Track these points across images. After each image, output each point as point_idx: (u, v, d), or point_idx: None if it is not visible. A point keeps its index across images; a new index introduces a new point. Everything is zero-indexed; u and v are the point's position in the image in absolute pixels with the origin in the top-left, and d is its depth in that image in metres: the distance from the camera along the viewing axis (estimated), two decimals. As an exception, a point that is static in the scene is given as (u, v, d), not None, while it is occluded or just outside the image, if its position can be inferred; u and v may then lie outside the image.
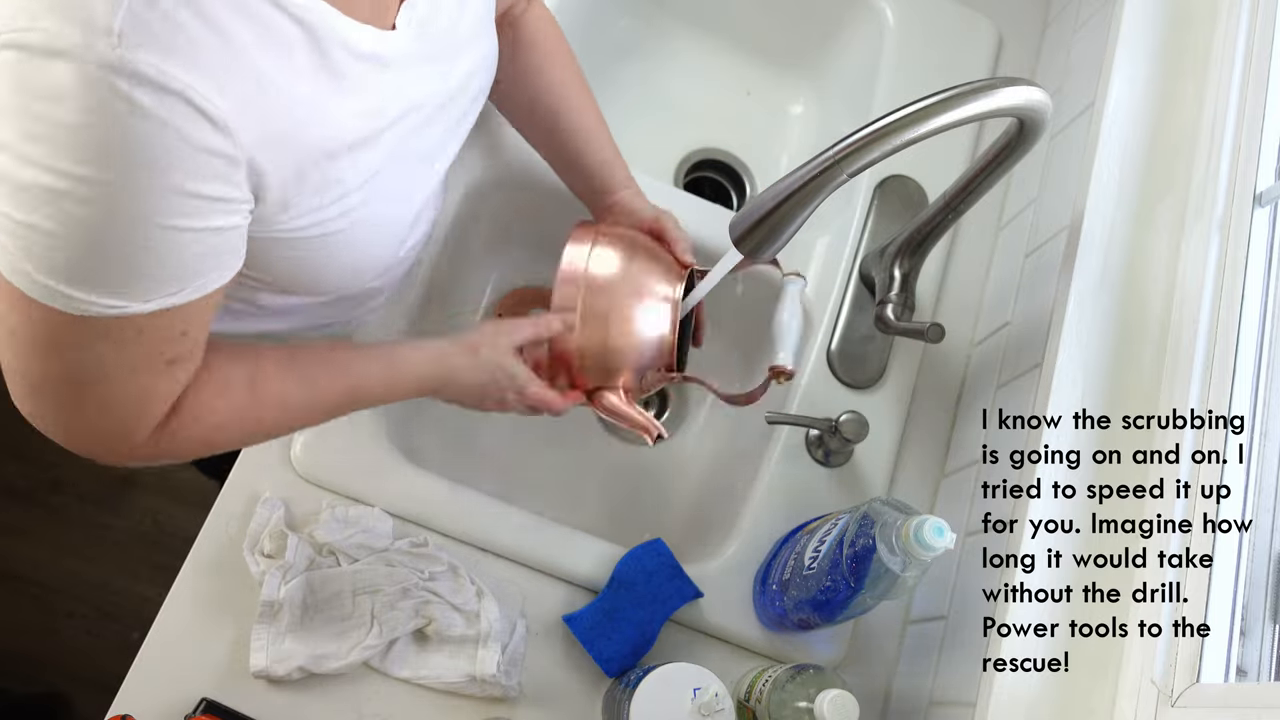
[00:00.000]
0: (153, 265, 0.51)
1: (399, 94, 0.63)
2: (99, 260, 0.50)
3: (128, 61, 0.45)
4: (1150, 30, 0.89)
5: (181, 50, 0.47)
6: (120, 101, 0.46)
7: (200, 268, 0.53)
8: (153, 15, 0.46)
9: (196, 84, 0.47)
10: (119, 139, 0.46)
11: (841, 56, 1.19)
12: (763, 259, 0.74)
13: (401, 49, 0.62)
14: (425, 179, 0.72)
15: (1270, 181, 0.79)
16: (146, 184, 0.48)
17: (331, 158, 0.59)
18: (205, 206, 0.51)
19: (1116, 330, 0.80)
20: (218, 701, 0.77)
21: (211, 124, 0.49)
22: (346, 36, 0.56)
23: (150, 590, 1.23)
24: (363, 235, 0.65)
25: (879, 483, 0.94)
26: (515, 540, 0.86)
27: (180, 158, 0.48)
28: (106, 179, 0.47)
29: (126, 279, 0.51)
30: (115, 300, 0.51)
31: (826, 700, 0.72)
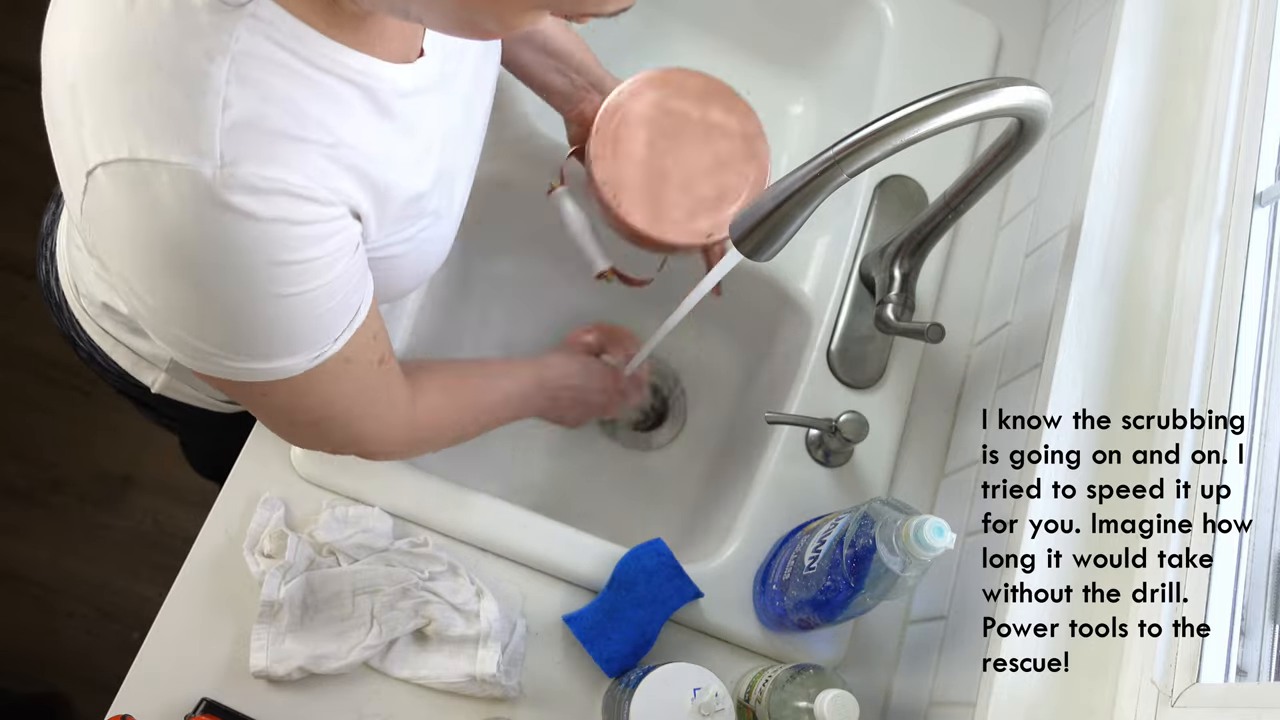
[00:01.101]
0: (327, 316, 0.59)
1: (442, 118, 0.67)
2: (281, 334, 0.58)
3: (237, 178, 0.50)
4: (1150, 30, 0.89)
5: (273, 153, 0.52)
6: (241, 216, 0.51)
7: (355, 297, 0.61)
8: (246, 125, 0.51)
9: (293, 178, 0.53)
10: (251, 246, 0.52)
11: (841, 56, 1.19)
12: (763, 259, 0.74)
13: (432, 75, 0.64)
14: (466, 184, 0.76)
15: (1270, 181, 0.79)
16: (284, 271, 0.54)
17: (407, 193, 0.63)
18: (332, 260, 0.57)
19: (1116, 330, 0.80)
20: (218, 701, 0.77)
21: (313, 202, 0.54)
22: (392, 81, 0.60)
23: (150, 590, 1.23)
24: (423, 252, 0.70)
25: (879, 483, 0.94)
26: (515, 540, 0.86)
27: (301, 238, 0.54)
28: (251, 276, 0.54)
29: (312, 335, 0.59)
30: (315, 351, 0.60)
31: (826, 700, 0.72)
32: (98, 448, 1.75)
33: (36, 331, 1.68)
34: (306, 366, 0.60)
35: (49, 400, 1.75)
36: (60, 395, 1.75)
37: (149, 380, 0.88)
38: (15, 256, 1.75)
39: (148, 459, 1.75)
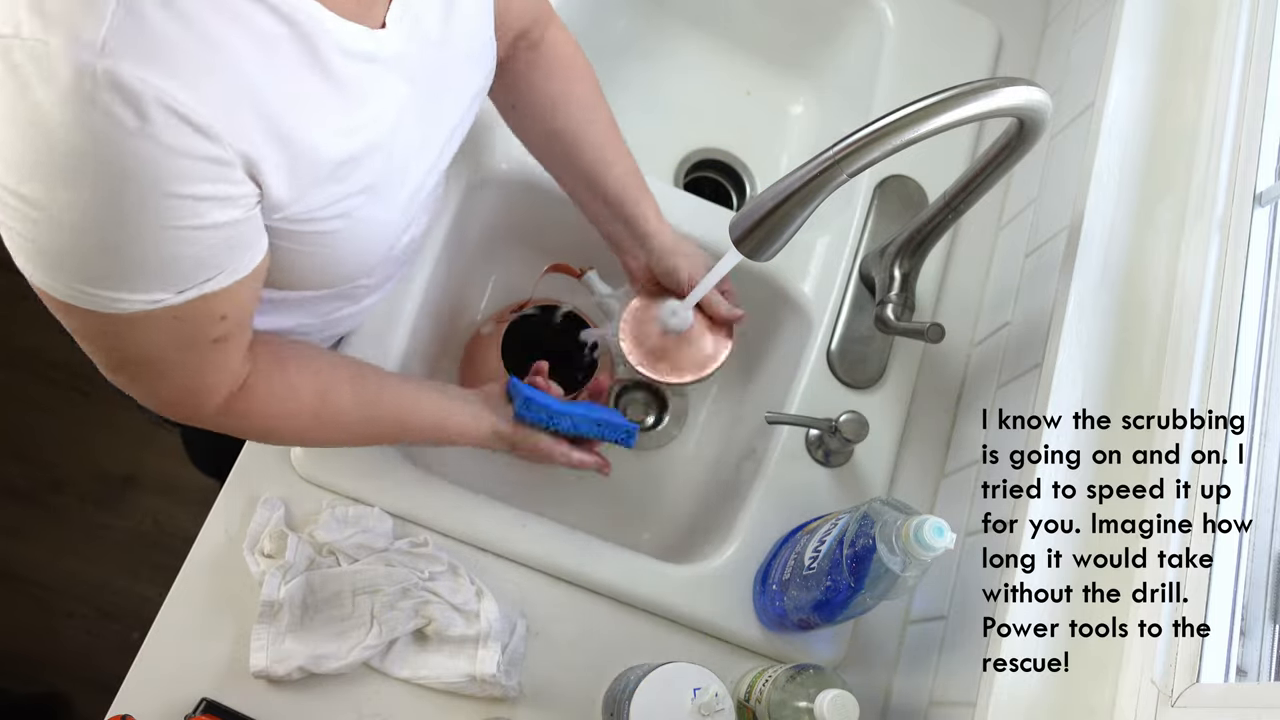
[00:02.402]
0: (168, 263, 0.53)
1: (396, 93, 0.63)
2: (114, 263, 0.52)
3: (111, 73, 0.46)
4: (1150, 30, 0.89)
5: (166, 59, 0.47)
6: (103, 116, 0.47)
7: (220, 259, 0.56)
8: (136, 24, 0.46)
9: (180, 94, 0.48)
10: (106, 153, 0.48)
11: (841, 56, 1.19)
12: (763, 259, 0.74)
13: (394, 48, 0.61)
14: (423, 180, 0.72)
15: (1270, 181, 0.79)
16: (139, 194, 0.49)
17: (331, 155, 0.59)
18: (204, 207, 0.52)
19: (1116, 330, 0.80)
20: (218, 701, 0.77)
21: (195, 129, 0.49)
22: (335, 34, 0.56)
23: (150, 590, 1.23)
24: (359, 233, 0.66)
25: (879, 483, 0.94)
26: (515, 540, 0.86)
27: (168, 166, 0.49)
28: (99, 193, 0.49)
29: (147, 276, 0.53)
30: (144, 295, 0.54)
31: (826, 700, 0.72)
32: (98, 448, 1.75)
33: (37, 331, 1.68)
34: (136, 309, 0.55)
35: (49, 400, 1.75)
36: (60, 395, 1.75)
37: None
38: (15, 256, 1.74)
39: (148, 459, 1.75)
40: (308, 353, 0.75)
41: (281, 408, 0.71)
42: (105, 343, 0.59)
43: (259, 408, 0.69)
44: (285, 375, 0.71)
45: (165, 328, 0.57)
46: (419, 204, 0.74)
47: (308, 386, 0.73)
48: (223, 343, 0.62)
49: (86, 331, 0.58)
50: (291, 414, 0.72)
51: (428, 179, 0.73)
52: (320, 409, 0.74)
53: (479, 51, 0.74)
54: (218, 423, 0.69)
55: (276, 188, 0.56)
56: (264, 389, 0.69)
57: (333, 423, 0.76)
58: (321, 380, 0.74)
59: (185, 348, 0.60)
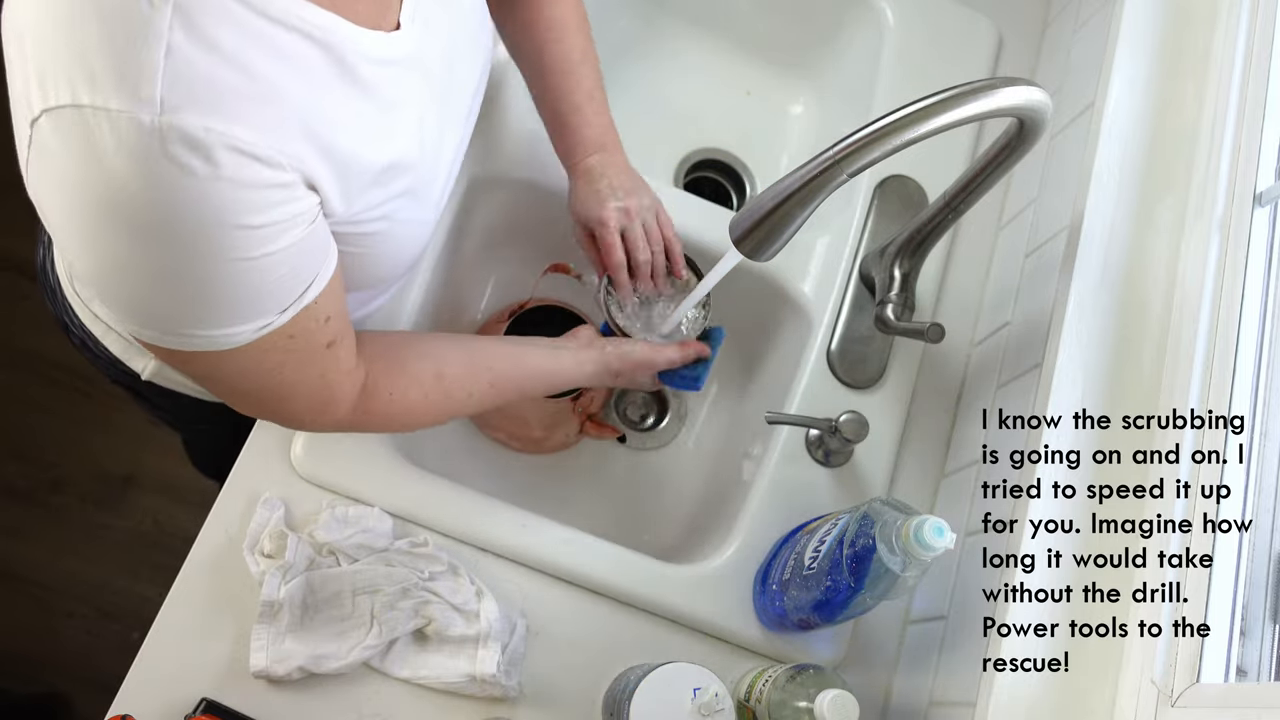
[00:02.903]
0: (267, 288, 0.56)
1: (418, 92, 0.65)
2: (218, 303, 0.55)
3: (176, 128, 0.48)
4: (1150, 30, 0.89)
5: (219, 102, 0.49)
6: (177, 169, 0.48)
7: (308, 271, 0.58)
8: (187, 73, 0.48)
9: (241, 133, 0.50)
10: (187, 203, 0.50)
11: (841, 56, 1.19)
12: (763, 259, 0.74)
13: (409, 49, 0.62)
14: (450, 172, 0.74)
15: (1270, 181, 0.79)
16: (223, 234, 0.52)
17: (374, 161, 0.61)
18: (282, 229, 0.54)
19: (1116, 330, 0.80)
20: (218, 701, 0.77)
21: (260, 162, 0.51)
22: (358, 44, 0.57)
23: (150, 590, 1.23)
24: (399, 233, 0.68)
25: (879, 483, 0.94)
26: (515, 540, 0.86)
27: (245, 202, 0.51)
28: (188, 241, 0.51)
29: (251, 306, 0.56)
30: (252, 324, 0.57)
31: (826, 700, 0.72)
32: (98, 448, 1.75)
33: (38, 332, 1.68)
34: (248, 339, 0.57)
35: (49, 400, 1.75)
36: (61, 395, 1.75)
37: (139, 367, 0.88)
38: (17, 257, 1.74)
39: (148, 459, 1.75)
40: (411, 339, 0.79)
41: (405, 398, 0.74)
42: (231, 378, 0.62)
43: (385, 404, 0.73)
44: (403, 366, 0.75)
45: (281, 348, 0.60)
46: (447, 196, 0.76)
47: (426, 371, 0.76)
48: (335, 346, 0.65)
49: (211, 373, 0.62)
50: (417, 401, 0.76)
51: (452, 171, 0.75)
52: (439, 389, 0.77)
53: (477, 35, 0.75)
54: (356, 424, 0.73)
55: (332, 198, 0.58)
56: (385, 384, 0.73)
57: (455, 399, 0.78)
58: (434, 362, 0.77)
59: (304, 362, 0.63)
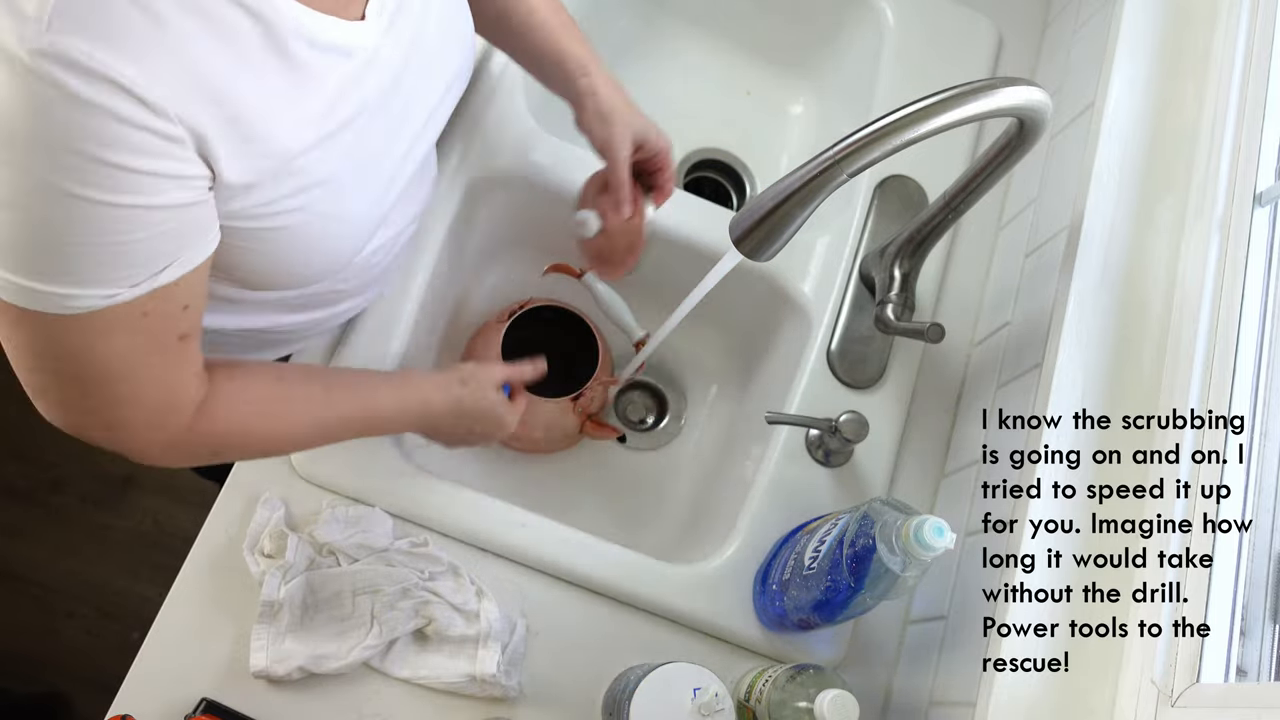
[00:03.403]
0: (127, 249, 0.51)
1: (366, 87, 0.62)
2: (69, 252, 0.50)
3: (56, 47, 0.45)
4: (1150, 30, 0.89)
5: (113, 37, 0.46)
6: (48, 89, 0.45)
7: (173, 244, 0.53)
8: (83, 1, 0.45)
9: (128, 70, 0.47)
10: (49, 124, 0.46)
11: (841, 56, 1.19)
12: (763, 259, 0.74)
13: (369, 40, 0.60)
14: (394, 177, 0.70)
15: (1270, 181, 0.79)
16: (90, 167, 0.47)
17: (289, 145, 0.57)
18: (152, 183, 0.50)
19: (1116, 330, 0.80)
20: (218, 701, 0.77)
21: (144, 106, 0.48)
22: (304, 26, 0.55)
23: (150, 590, 1.23)
24: (320, 229, 0.64)
25: (879, 483, 0.94)
26: (515, 540, 0.86)
27: (118, 137, 0.47)
28: (45, 166, 0.47)
29: (106, 266, 0.51)
30: (97, 290, 0.51)
31: (826, 700, 0.72)
32: (98, 448, 1.74)
33: (36, 331, 1.68)
34: (88, 305, 0.51)
35: (49, 400, 1.75)
36: (60, 395, 1.75)
37: None
38: (15, 256, 1.75)
39: (148, 459, 1.75)
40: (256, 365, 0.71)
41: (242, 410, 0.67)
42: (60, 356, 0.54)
43: (222, 425, 0.65)
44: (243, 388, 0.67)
45: (129, 327, 0.54)
46: (394, 198, 0.72)
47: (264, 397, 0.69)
48: (188, 340, 0.59)
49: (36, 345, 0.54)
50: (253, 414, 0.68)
51: (402, 169, 0.71)
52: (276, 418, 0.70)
53: (455, 30, 0.72)
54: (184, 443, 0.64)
55: (230, 172, 0.54)
56: (224, 405, 0.65)
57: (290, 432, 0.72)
58: (276, 390, 0.70)
59: (154, 349, 0.57)
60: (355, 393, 0.76)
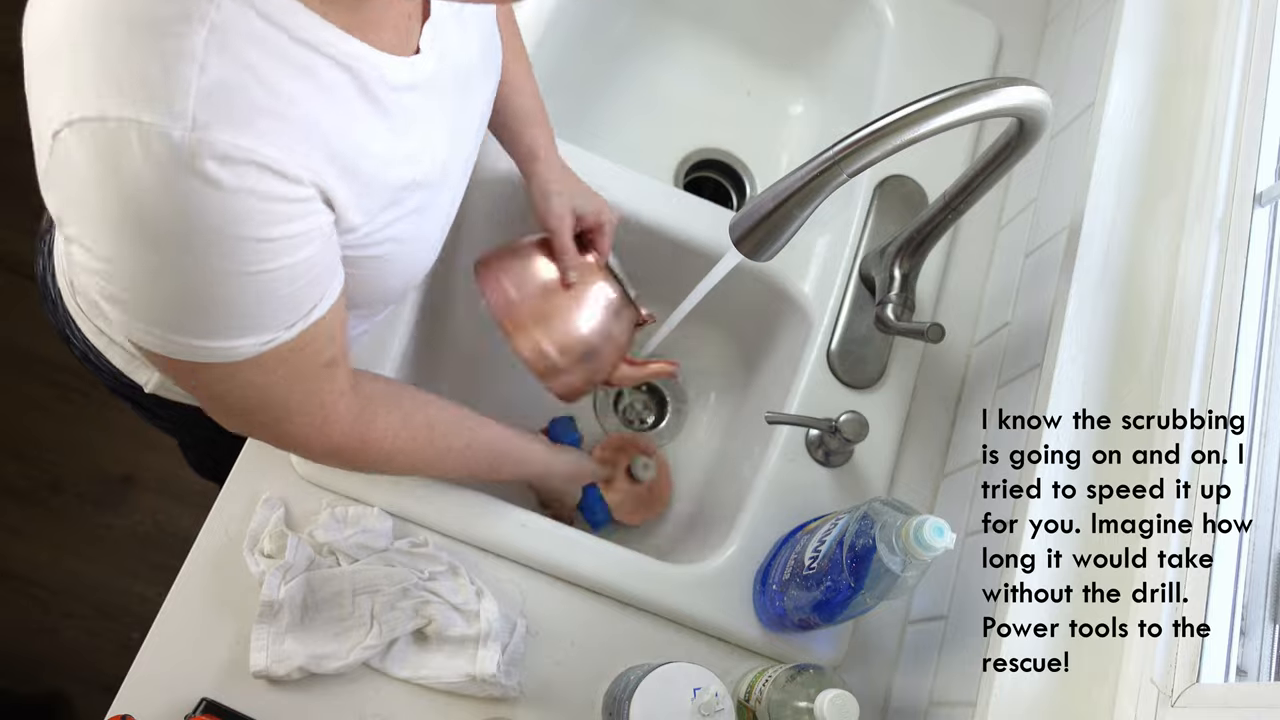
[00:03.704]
0: (279, 301, 0.57)
1: (434, 115, 0.66)
2: (229, 314, 0.56)
3: (209, 144, 0.49)
4: (1150, 30, 0.89)
5: (251, 122, 0.50)
6: (204, 183, 0.49)
7: (316, 288, 0.59)
8: (221, 91, 0.49)
9: (267, 149, 0.51)
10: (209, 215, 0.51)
11: (841, 56, 1.19)
12: (763, 259, 0.74)
13: (428, 73, 0.64)
14: (456, 192, 0.75)
15: (1270, 181, 0.79)
16: (241, 245, 0.52)
17: (391, 183, 0.62)
18: (297, 243, 0.55)
19: (1116, 330, 0.80)
20: (218, 701, 0.77)
21: (283, 178, 0.52)
22: (382, 70, 0.59)
23: (150, 590, 1.23)
24: (408, 251, 0.69)
25: (879, 483, 0.94)
26: (515, 540, 0.86)
27: (265, 214, 0.52)
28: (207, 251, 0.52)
29: (263, 319, 0.57)
30: (263, 337, 0.58)
31: (826, 700, 0.72)
32: (98, 448, 1.75)
33: (37, 332, 1.68)
34: (252, 352, 0.58)
35: (49, 400, 1.75)
36: (60, 395, 1.75)
37: (143, 380, 0.88)
38: (16, 257, 1.75)
39: (148, 459, 1.75)
40: (407, 386, 0.79)
41: (399, 437, 0.75)
42: (230, 393, 0.62)
43: (380, 436, 0.73)
44: (400, 405, 0.75)
45: (283, 362, 0.61)
46: (454, 215, 0.76)
47: (419, 417, 0.76)
48: (334, 366, 0.66)
49: (210, 386, 0.62)
50: (407, 443, 0.76)
51: (461, 187, 0.76)
52: (428, 439, 0.77)
53: (490, 55, 0.76)
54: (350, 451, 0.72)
55: (349, 216, 0.60)
56: (383, 417, 0.73)
57: (438, 454, 0.79)
58: (427, 411, 0.77)
59: (302, 378, 0.64)
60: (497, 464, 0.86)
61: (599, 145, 1.07)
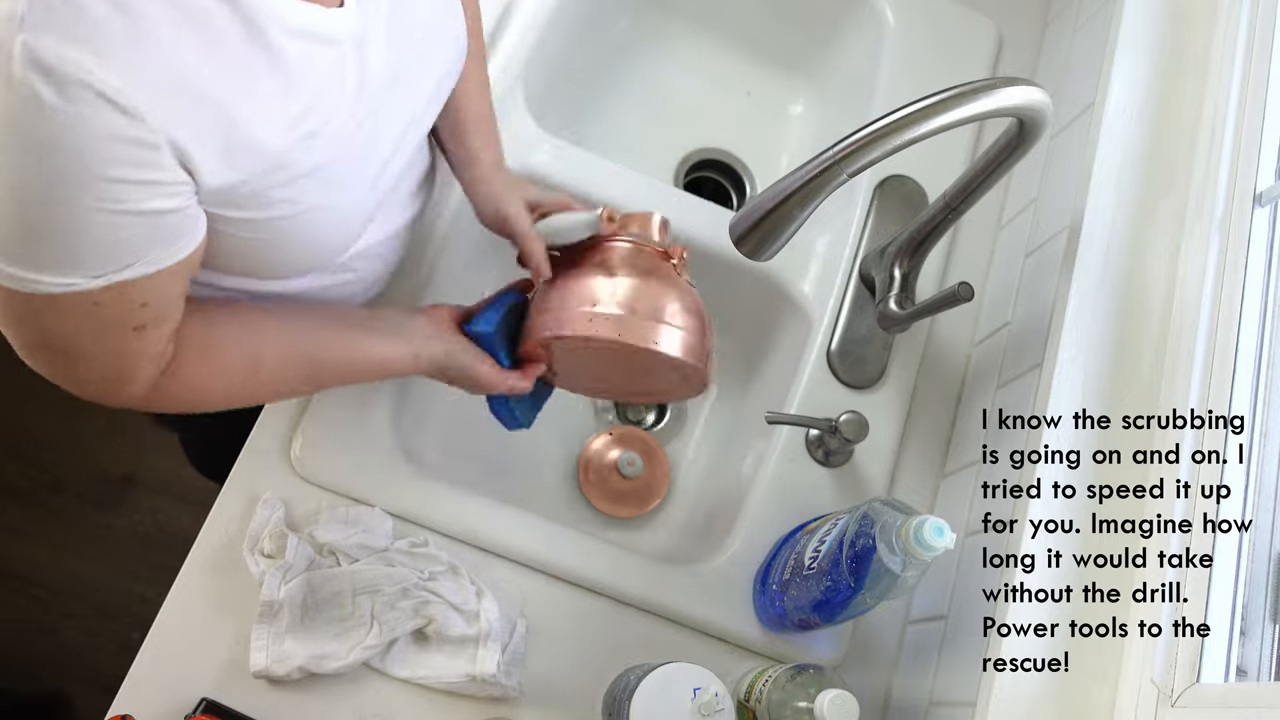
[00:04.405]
0: (90, 245, 0.52)
1: (352, 73, 0.61)
2: (35, 241, 0.51)
3: (29, 48, 0.44)
4: (1150, 30, 0.89)
5: (86, 35, 0.46)
6: (21, 92, 0.45)
7: (144, 246, 0.54)
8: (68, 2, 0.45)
9: (99, 70, 0.46)
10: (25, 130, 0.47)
11: (841, 56, 1.19)
12: (763, 259, 0.74)
13: (349, 27, 0.59)
14: (387, 159, 0.69)
15: (1270, 181, 0.79)
16: (62, 172, 0.48)
17: (275, 139, 0.57)
18: (131, 190, 0.50)
19: (1116, 330, 0.80)
20: (218, 701, 0.77)
21: (119, 110, 0.47)
22: (279, 12, 0.54)
23: (150, 590, 1.23)
24: (312, 220, 0.63)
25: (879, 483, 0.94)
26: (515, 540, 0.86)
27: (92, 147, 0.48)
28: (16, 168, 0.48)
29: (67, 258, 0.52)
30: (62, 278, 0.52)
31: (826, 700, 0.72)
32: (98, 448, 1.74)
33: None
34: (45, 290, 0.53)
35: (49, 400, 1.75)
36: (61, 395, 1.73)
37: None
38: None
39: (148, 459, 1.75)
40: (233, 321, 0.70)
41: (207, 386, 0.68)
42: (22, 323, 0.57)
43: (181, 388, 0.66)
44: (216, 354, 0.68)
45: (82, 313, 0.55)
46: (386, 186, 0.71)
47: (237, 361, 0.69)
48: (143, 330, 0.59)
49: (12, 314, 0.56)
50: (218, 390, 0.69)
51: (393, 159, 0.70)
52: (249, 379, 0.70)
53: (445, 25, 0.71)
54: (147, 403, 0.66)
55: (211, 174, 0.54)
56: (190, 369, 0.66)
57: (263, 389, 0.74)
58: (250, 351, 0.70)
59: (103, 335, 0.58)
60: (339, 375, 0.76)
61: (599, 145, 1.08)
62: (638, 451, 1.03)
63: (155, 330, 0.61)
